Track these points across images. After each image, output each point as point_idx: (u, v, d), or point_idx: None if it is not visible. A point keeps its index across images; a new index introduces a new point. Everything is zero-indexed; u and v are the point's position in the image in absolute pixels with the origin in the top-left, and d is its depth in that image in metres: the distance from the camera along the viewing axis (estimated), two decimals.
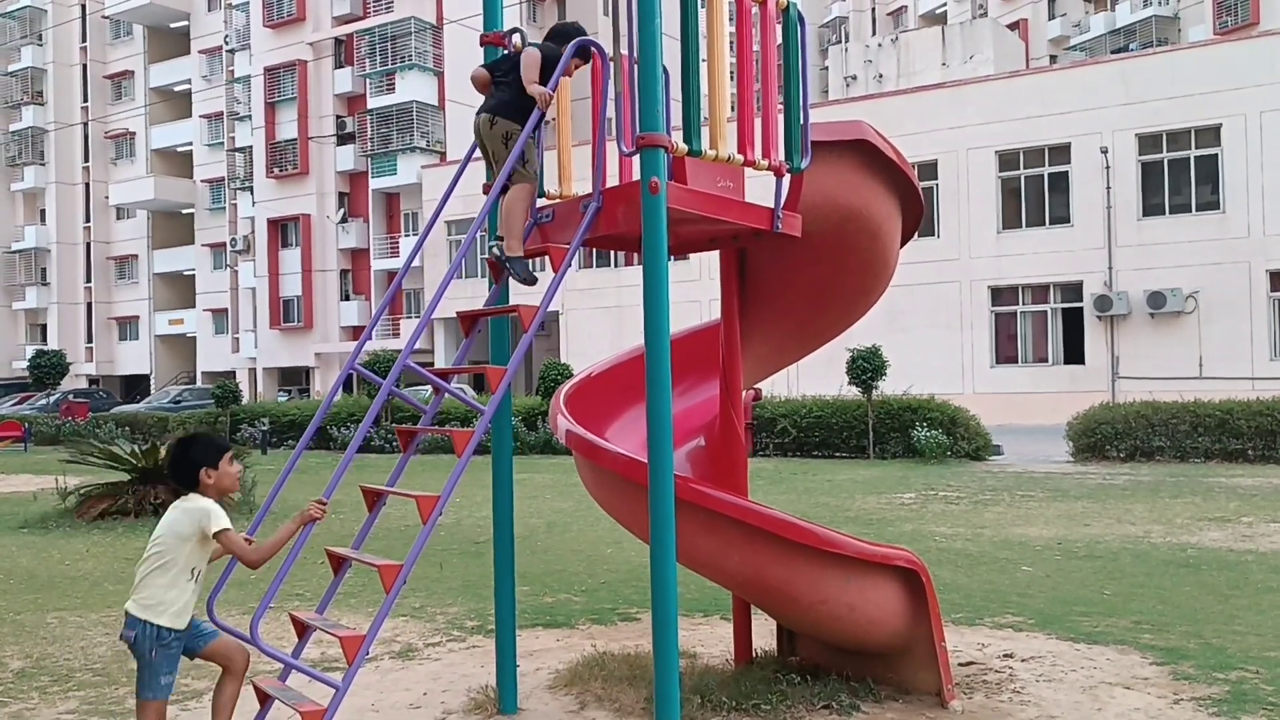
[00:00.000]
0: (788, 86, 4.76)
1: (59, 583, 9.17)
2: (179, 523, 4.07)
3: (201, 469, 4.15)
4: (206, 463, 4.16)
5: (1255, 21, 44.49)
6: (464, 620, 7.32)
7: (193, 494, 4.16)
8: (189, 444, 4.30)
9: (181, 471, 4.20)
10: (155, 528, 4.17)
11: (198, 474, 4.16)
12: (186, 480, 4.18)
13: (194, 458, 4.18)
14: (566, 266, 4.46)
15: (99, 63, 62.35)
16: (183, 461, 4.20)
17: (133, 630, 4.03)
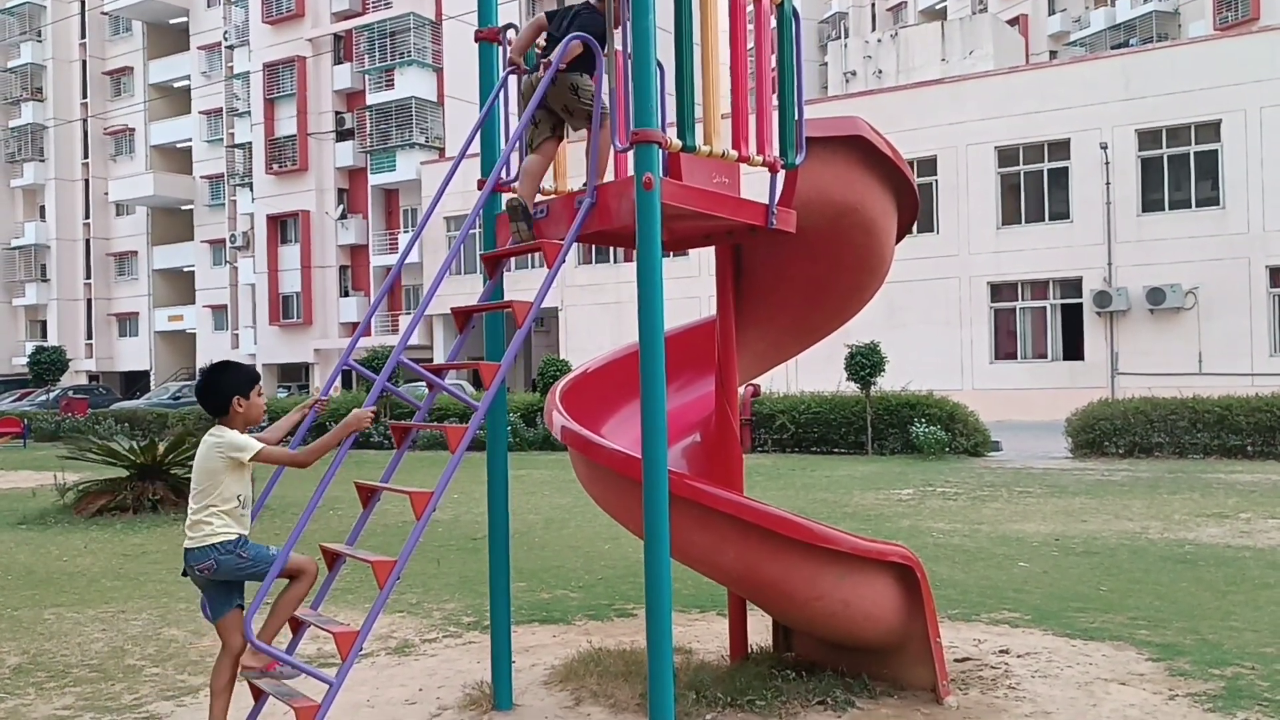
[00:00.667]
0: (782, 82, 4.75)
1: (57, 579, 9.17)
2: (208, 458, 4.16)
3: (235, 397, 4.23)
4: (239, 391, 4.24)
5: (1255, 17, 44.44)
6: (460, 616, 7.32)
7: (219, 425, 4.23)
8: (222, 370, 4.35)
9: (214, 398, 4.25)
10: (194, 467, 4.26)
11: (230, 402, 4.23)
12: (218, 407, 4.25)
13: (228, 385, 4.25)
14: (560, 262, 4.44)
15: (98, 59, 62.31)
16: (216, 388, 4.26)
17: (206, 560, 4.14)
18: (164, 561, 9.93)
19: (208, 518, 4.13)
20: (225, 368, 4.37)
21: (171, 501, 13.28)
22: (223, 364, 4.43)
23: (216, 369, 4.38)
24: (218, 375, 4.32)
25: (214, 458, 4.15)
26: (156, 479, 13.48)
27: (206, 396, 4.29)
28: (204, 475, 4.16)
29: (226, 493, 4.15)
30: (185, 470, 13.92)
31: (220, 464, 4.14)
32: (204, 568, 4.16)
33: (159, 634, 6.97)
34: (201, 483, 4.17)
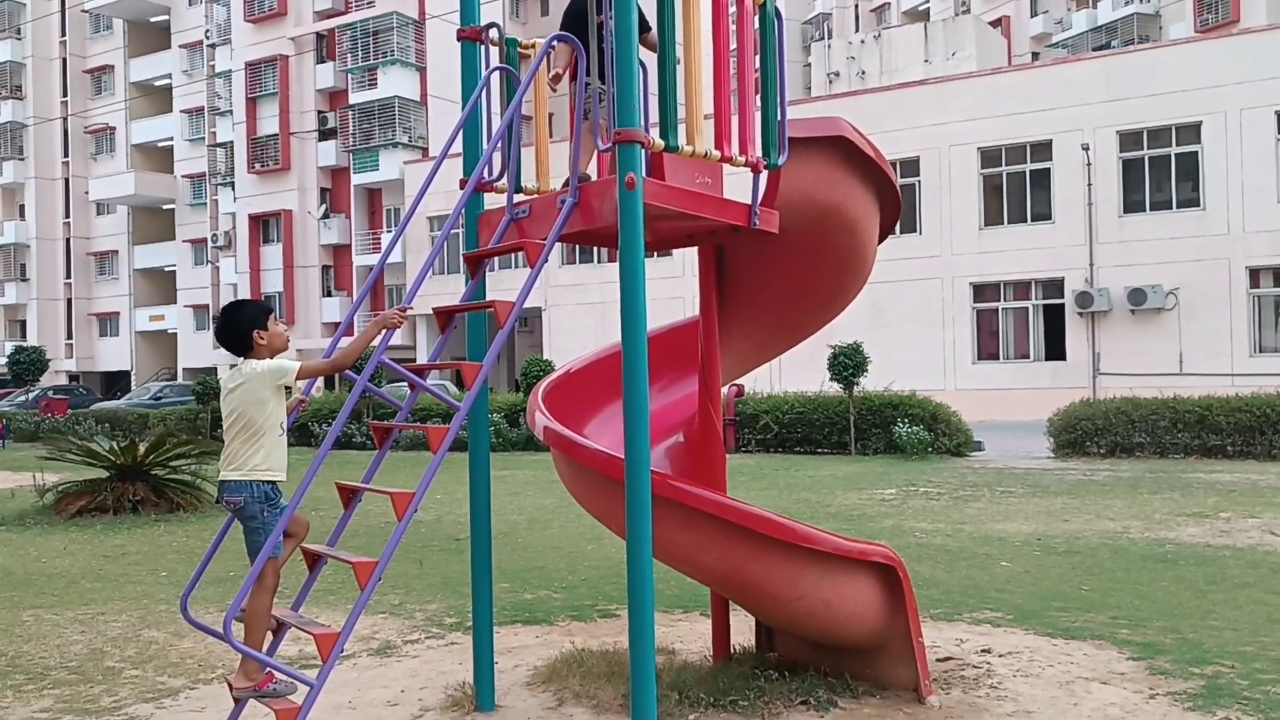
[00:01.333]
0: (764, 83, 4.75)
1: (35, 580, 9.10)
2: (254, 390, 4.22)
3: (254, 331, 4.33)
4: (257, 325, 4.34)
5: (1235, 19, 44.73)
6: (443, 617, 7.30)
7: (249, 359, 4.31)
8: (237, 310, 4.45)
9: (235, 338, 4.35)
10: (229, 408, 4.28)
11: (251, 337, 4.33)
12: (241, 345, 4.34)
13: (244, 322, 4.35)
14: (543, 262, 4.43)
15: (78, 57, 61.90)
16: (234, 327, 4.36)
17: (239, 495, 4.21)
18: (144, 563, 9.87)
19: (256, 449, 4.21)
20: (238, 305, 4.48)
21: (152, 502, 13.20)
22: (235, 303, 4.54)
23: (229, 309, 4.47)
24: (233, 314, 4.41)
25: (261, 388, 4.21)
26: (137, 480, 13.40)
27: (227, 337, 4.38)
28: (254, 406, 4.21)
29: (274, 421, 4.24)
30: (166, 471, 13.84)
31: (269, 392, 4.22)
32: (234, 501, 4.22)
33: (139, 636, 6.93)
34: (250, 414, 4.22)
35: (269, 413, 4.23)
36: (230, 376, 4.32)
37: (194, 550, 10.49)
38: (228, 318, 4.41)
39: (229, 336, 4.38)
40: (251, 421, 4.22)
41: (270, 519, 4.24)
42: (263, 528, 4.23)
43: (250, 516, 4.25)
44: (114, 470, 13.47)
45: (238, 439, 4.24)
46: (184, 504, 13.35)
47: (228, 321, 4.40)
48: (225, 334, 4.39)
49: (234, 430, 4.26)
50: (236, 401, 4.25)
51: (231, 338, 4.37)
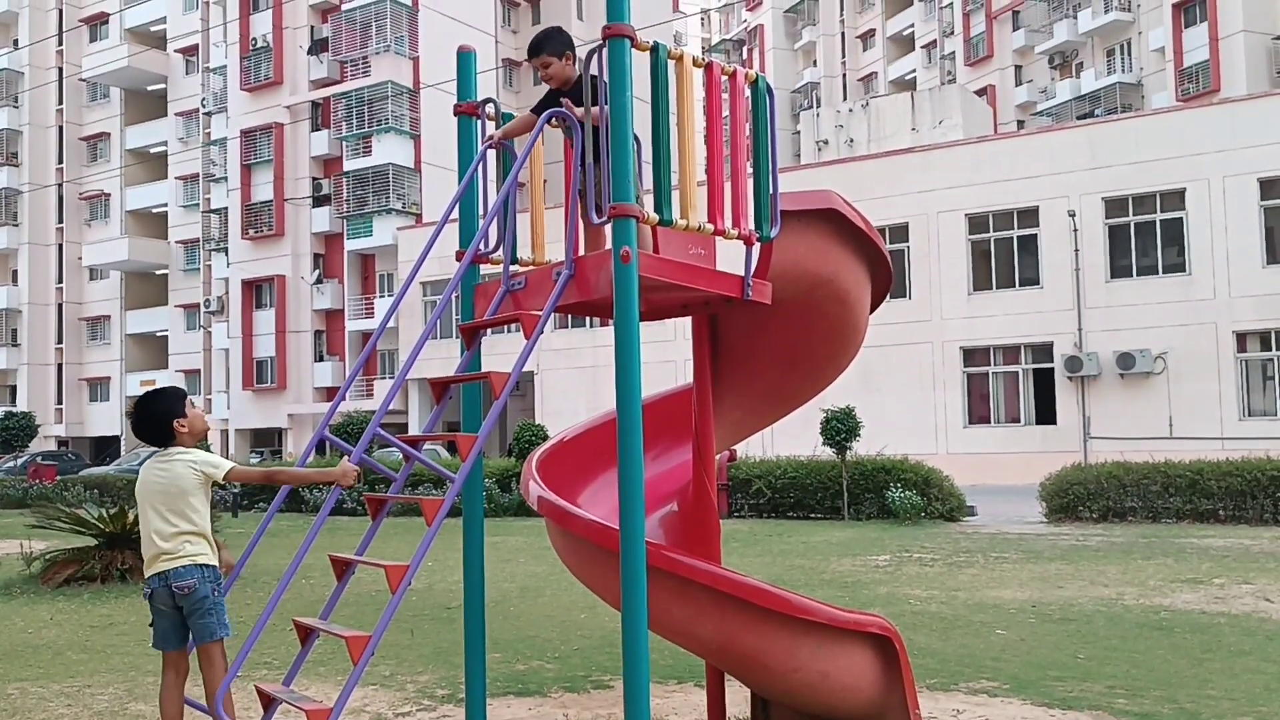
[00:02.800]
0: (757, 157, 4.83)
1: (21, 652, 8.98)
2: (181, 477, 4.12)
3: (174, 420, 4.23)
4: (176, 414, 4.24)
5: (1216, 89, 45.60)
6: (435, 689, 7.21)
7: (174, 447, 4.22)
8: (153, 400, 4.33)
9: (154, 429, 4.24)
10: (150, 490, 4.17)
11: (172, 426, 4.22)
12: (162, 436, 4.24)
13: (163, 411, 4.24)
14: (538, 334, 4.47)
15: (75, 124, 62.49)
16: (153, 418, 4.25)
17: (190, 578, 4.14)
18: (132, 633, 9.75)
19: (189, 539, 4.13)
20: (154, 395, 4.35)
21: (140, 571, 13.05)
22: (150, 393, 4.41)
23: (145, 400, 4.36)
24: (150, 405, 4.30)
25: (187, 476, 4.12)
26: (126, 547, 13.25)
27: (147, 429, 4.27)
28: (177, 496, 4.13)
29: (203, 512, 4.16)
30: None
31: (194, 482, 4.14)
32: (185, 586, 4.13)
33: (125, 709, 6.83)
34: (175, 503, 4.13)
35: (197, 504, 4.16)
36: (152, 467, 4.19)
37: None
38: (145, 410, 4.30)
39: (149, 428, 4.27)
40: (177, 505, 4.12)
41: (219, 599, 4.21)
42: (214, 608, 4.21)
43: (202, 598, 4.18)
44: (102, 538, 13.33)
45: (166, 522, 4.13)
46: None
47: (146, 413, 4.29)
48: (145, 426, 4.28)
49: (163, 520, 4.13)
50: (162, 485, 4.15)
51: (151, 429, 4.26)
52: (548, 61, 5.02)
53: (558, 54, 5.03)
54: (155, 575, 4.20)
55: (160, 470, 4.16)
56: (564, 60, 5.03)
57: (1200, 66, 48.15)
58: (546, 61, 5.03)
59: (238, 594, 11.54)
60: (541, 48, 5.04)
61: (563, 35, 5.14)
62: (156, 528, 4.13)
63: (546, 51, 5.02)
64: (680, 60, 4.57)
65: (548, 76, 5.04)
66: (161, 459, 4.18)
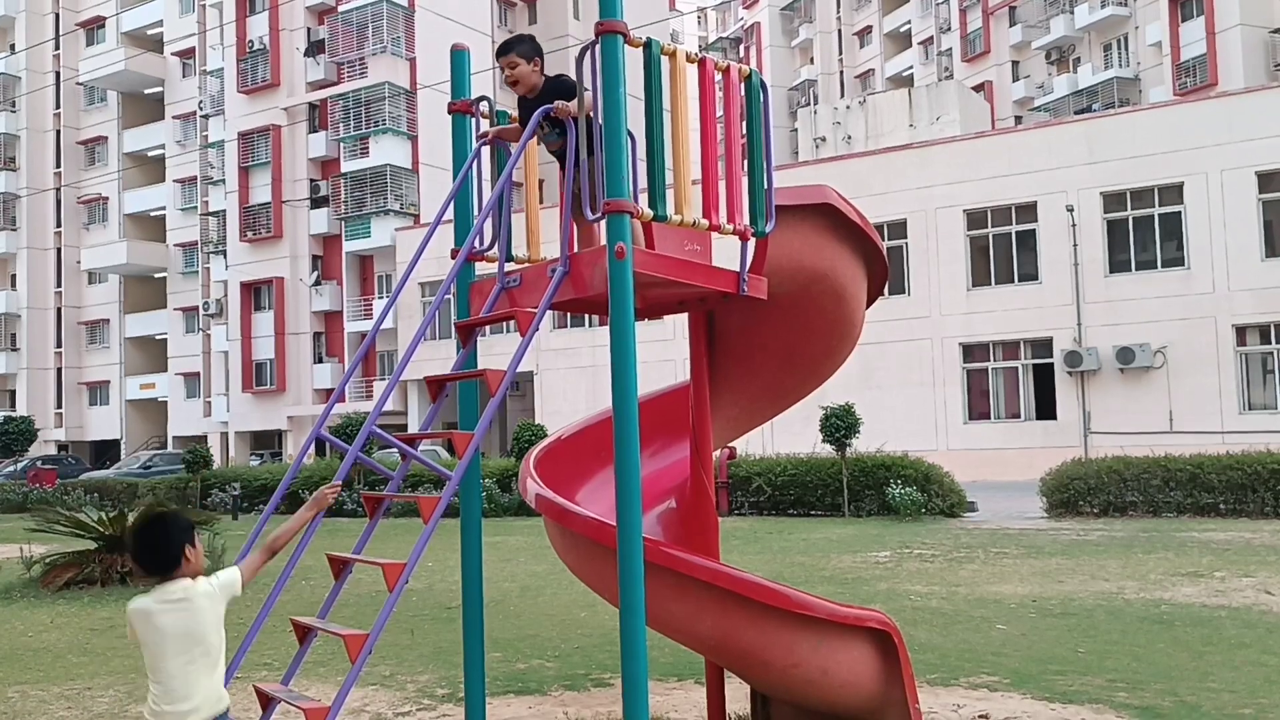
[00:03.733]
0: (751, 152, 4.82)
1: (21, 655, 8.98)
2: (205, 612, 3.61)
3: (185, 546, 3.67)
4: (188, 539, 3.69)
5: (1214, 83, 45.59)
6: (434, 688, 7.21)
7: (182, 578, 3.63)
8: (167, 524, 3.74)
9: (166, 553, 3.65)
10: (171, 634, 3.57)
11: (183, 553, 3.65)
12: (166, 564, 3.64)
13: (176, 535, 3.67)
14: (534, 331, 4.46)
15: (72, 128, 62.45)
16: (167, 543, 3.66)
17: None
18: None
19: (212, 678, 3.62)
20: (166, 519, 3.76)
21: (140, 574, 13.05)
22: (159, 516, 3.82)
23: (159, 524, 3.76)
24: (165, 530, 3.70)
25: (210, 611, 3.60)
26: (125, 551, 13.26)
27: (155, 553, 3.66)
28: (210, 631, 3.61)
29: (223, 639, 3.68)
30: None
31: (219, 614, 3.63)
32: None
33: (125, 711, 6.83)
34: (207, 639, 3.60)
35: (220, 637, 3.66)
36: (164, 608, 3.60)
37: None
38: (151, 535, 3.72)
39: (157, 553, 3.66)
40: (210, 648, 3.60)
41: None
42: None
43: None
44: (102, 541, 13.33)
45: (191, 671, 3.57)
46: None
47: (157, 537, 3.69)
48: (151, 551, 3.67)
49: (182, 661, 3.57)
50: (190, 633, 3.59)
51: (160, 555, 3.65)
52: (515, 62, 4.99)
53: (527, 57, 5.01)
54: None
55: (178, 610, 3.60)
56: (532, 65, 5.01)
57: (1197, 60, 48.14)
58: (514, 62, 4.99)
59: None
60: (511, 47, 5.02)
61: (534, 42, 5.14)
62: (184, 680, 3.58)
63: (516, 52, 5.00)
64: (673, 56, 4.56)
65: (513, 79, 5.01)
66: (173, 596, 3.61)
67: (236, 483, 27.31)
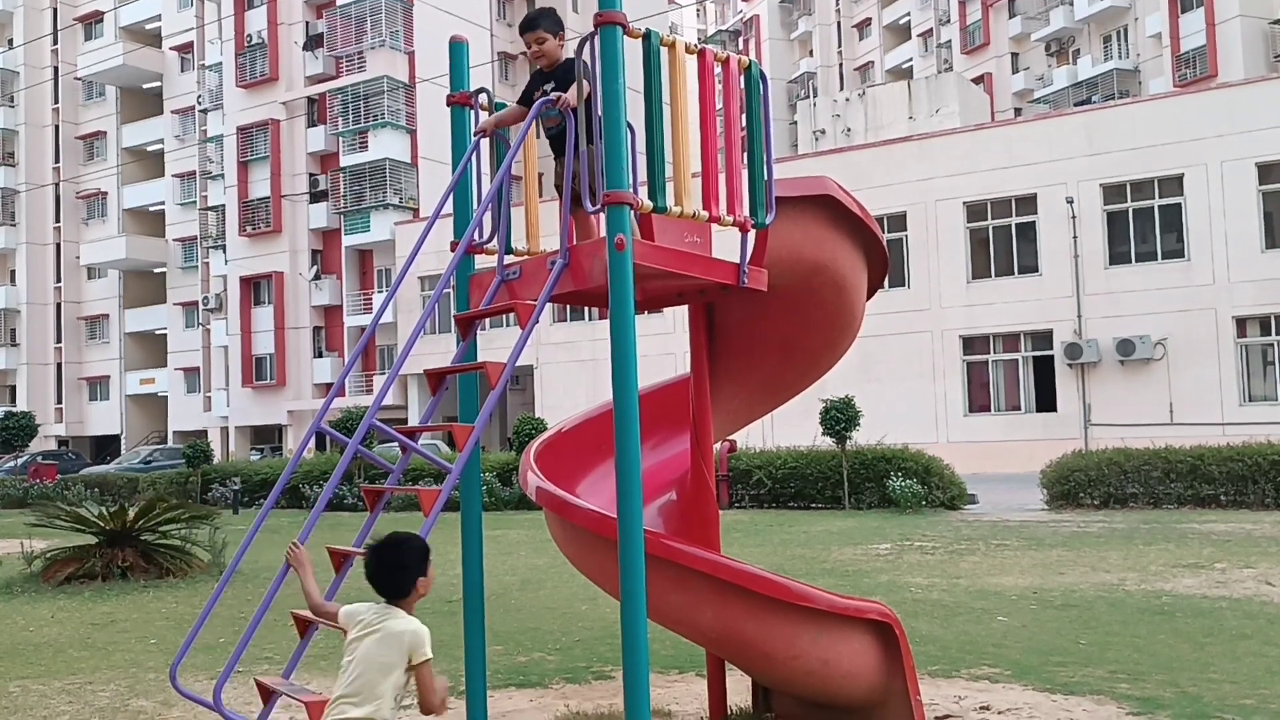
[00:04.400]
0: (751, 143, 4.81)
1: (23, 650, 8.98)
2: (393, 652, 3.48)
3: (419, 579, 3.59)
4: (422, 571, 3.59)
5: (1213, 74, 45.53)
6: None
7: (395, 607, 3.56)
8: (405, 549, 3.63)
9: (398, 581, 3.57)
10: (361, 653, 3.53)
11: (415, 585, 3.58)
12: (401, 590, 3.57)
13: (413, 562, 3.58)
14: (533, 324, 4.45)
15: (71, 124, 62.35)
16: (401, 569, 3.58)
17: None
18: (133, 630, 9.75)
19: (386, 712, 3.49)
20: (407, 545, 3.63)
21: (141, 568, 13.06)
22: (402, 540, 3.67)
23: (398, 547, 3.64)
24: (401, 554, 3.60)
25: (392, 649, 3.47)
26: (126, 545, 13.26)
27: (390, 575, 3.58)
28: (383, 667, 3.48)
29: (397, 694, 3.50)
30: (156, 536, 13.70)
31: (396, 657, 3.47)
32: None
33: (127, 705, 6.83)
34: (372, 675, 3.48)
35: (394, 682, 3.49)
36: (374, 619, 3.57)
37: (184, 617, 10.37)
38: (392, 557, 3.61)
39: (392, 575, 3.58)
40: (373, 677, 3.49)
41: None
42: None
43: None
44: (103, 536, 13.33)
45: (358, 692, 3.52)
46: (173, 569, 13.21)
47: (395, 560, 3.60)
48: (389, 573, 3.59)
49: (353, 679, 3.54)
50: (369, 648, 3.53)
51: (394, 578, 3.58)
52: (543, 38, 4.96)
53: (552, 32, 4.98)
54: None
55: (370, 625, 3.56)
56: (557, 39, 4.98)
57: (1197, 52, 48.09)
58: (541, 38, 4.96)
59: (238, 589, 11.54)
60: (537, 23, 4.97)
61: (555, 15, 5.10)
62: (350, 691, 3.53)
63: (542, 27, 4.96)
64: (673, 48, 4.54)
65: (539, 54, 4.98)
66: (386, 617, 3.55)
67: (237, 477, 27.32)
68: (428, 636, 3.51)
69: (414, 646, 3.48)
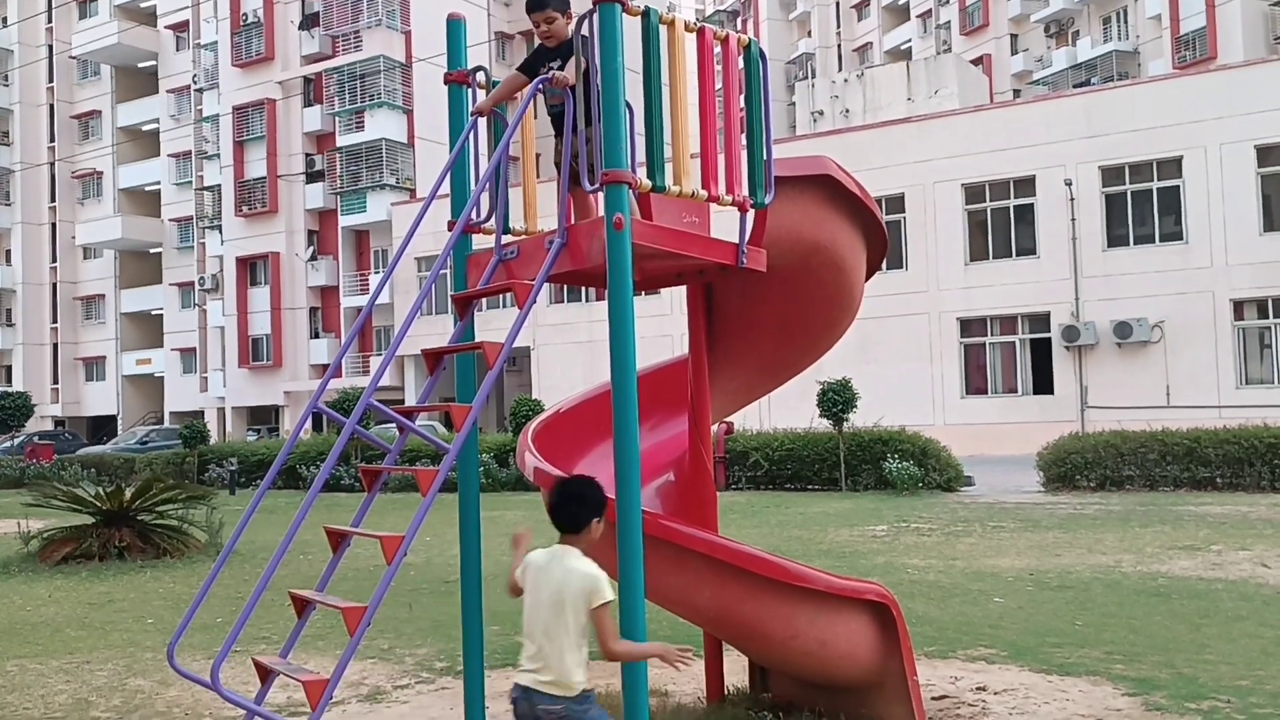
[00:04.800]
0: (750, 122, 4.78)
1: (20, 629, 8.99)
2: (569, 585, 3.66)
3: (595, 519, 3.79)
4: (598, 514, 3.80)
5: (1213, 56, 45.40)
6: (433, 661, 7.22)
7: (572, 547, 3.74)
8: (588, 485, 3.87)
9: (578, 514, 3.77)
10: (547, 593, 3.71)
11: (591, 521, 3.77)
12: (577, 524, 3.76)
13: (593, 500, 3.80)
14: (531, 303, 4.42)
15: (66, 103, 62.07)
16: (584, 503, 3.79)
17: (558, 705, 3.67)
18: (130, 610, 9.76)
19: (566, 656, 3.66)
20: (587, 486, 3.86)
21: (138, 548, 13.07)
22: (587, 479, 3.93)
23: (583, 482, 3.89)
24: (584, 490, 3.84)
25: (574, 586, 3.65)
26: (123, 525, 13.27)
27: (571, 506, 3.80)
28: (566, 606, 3.66)
29: (583, 632, 3.68)
30: (153, 516, 13.71)
31: (577, 595, 3.64)
32: (553, 712, 3.68)
33: (124, 685, 6.83)
34: (561, 613, 3.66)
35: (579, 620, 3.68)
36: (548, 559, 3.78)
37: (180, 597, 10.38)
38: (576, 490, 3.84)
39: (573, 509, 3.79)
40: (570, 626, 3.67)
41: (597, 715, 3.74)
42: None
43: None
44: (100, 516, 13.34)
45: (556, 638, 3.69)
46: (170, 549, 13.22)
47: (579, 493, 3.83)
48: (570, 505, 3.80)
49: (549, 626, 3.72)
50: (553, 586, 3.71)
51: (575, 513, 3.78)
52: (552, 17, 4.89)
53: (561, 11, 4.93)
54: (521, 686, 3.80)
55: (551, 570, 3.75)
56: (565, 18, 4.94)
57: (1197, 33, 47.93)
58: (550, 17, 4.89)
59: (234, 570, 11.55)
60: (546, 2, 4.90)
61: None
62: (548, 644, 3.72)
63: (551, 6, 4.91)
64: (672, 26, 4.51)
65: (549, 34, 4.92)
66: (565, 558, 3.74)
67: (233, 458, 27.32)
68: (606, 580, 3.63)
69: (592, 590, 3.62)
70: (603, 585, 3.62)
